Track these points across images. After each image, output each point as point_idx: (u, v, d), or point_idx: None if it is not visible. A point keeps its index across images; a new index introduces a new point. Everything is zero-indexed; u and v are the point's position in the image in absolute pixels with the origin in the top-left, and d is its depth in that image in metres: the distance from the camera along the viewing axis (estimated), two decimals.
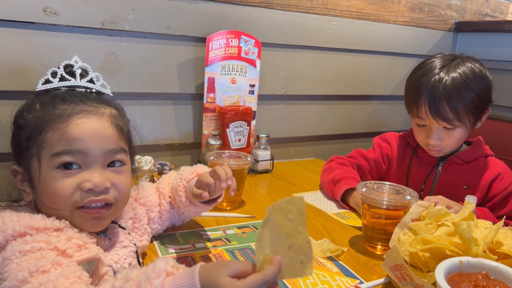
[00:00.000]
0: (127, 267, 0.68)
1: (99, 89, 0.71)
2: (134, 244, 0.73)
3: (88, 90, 0.69)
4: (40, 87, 0.67)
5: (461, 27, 1.87)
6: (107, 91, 0.72)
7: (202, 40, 1.29)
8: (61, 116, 0.62)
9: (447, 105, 1.03)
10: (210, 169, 0.89)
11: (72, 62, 0.69)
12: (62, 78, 0.68)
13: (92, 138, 0.62)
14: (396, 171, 1.21)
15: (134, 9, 1.18)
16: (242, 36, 1.33)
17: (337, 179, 1.13)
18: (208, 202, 0.83)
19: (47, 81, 0.67)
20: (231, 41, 1.31)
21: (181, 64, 1.31)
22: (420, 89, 1.07)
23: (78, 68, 0.69)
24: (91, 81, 0.70)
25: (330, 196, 1.17)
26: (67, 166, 0.61)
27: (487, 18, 1.99)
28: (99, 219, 0.64)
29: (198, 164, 0.92)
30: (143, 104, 1.28)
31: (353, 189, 1.09)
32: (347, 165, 1.20)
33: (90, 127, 0.63)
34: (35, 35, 1.07)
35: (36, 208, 0.66)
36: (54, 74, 0.68)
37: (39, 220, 0.59)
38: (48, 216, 0.62)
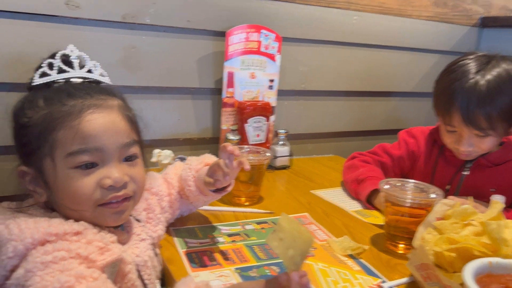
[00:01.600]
0: (147, 259, 0.68)
1: (98, 79, 0.68)
2: (150, 236, 0.73)
3: (87, 80, 0.66)
4: (38, 81, 0.63)
5: (487, 23, 1.81)
6: (106, 80, 0.69)
7: (222, 35, 1.28)
8: (72, 113, 0.60)
9: (481, 114, 0.96)
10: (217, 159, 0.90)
11: (67, 51, 0.66)
12: (61, 70, 0.64)
13: (107, 133, 0.61)
14: (421, 169, 1.17)
15: (155, 2, 1.18)
16: (262, 31, 1.32)
17: (361, 178, 1.10)
18: (217, 191, 0.83)
19: (44, 74, 0.64)
20: (251, 35, 1.30)
21: (200, 58, 1.30)
22: (453, 96, 0.99)
23: (76, 58, 0.66)
24: (89, 71, 0.67)
25: (354, 195, 1.14)
26: (85, 165, 0.60)
27: None
28: (121, 212, 0.64)
29: (206, 154, 0.91)
30: (163, 99, 1.28)
31: (379, 190, 1.05)
32: (370, 163, 1.17)
33: (103, 123, 0.61)
34: (57, 28, 1.08)
35: (48, 206, 0.64)
36: (50, 66, 0.64)
37: (57, 225, 0.57)
38: (66, 215, 0.61)
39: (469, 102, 0.97)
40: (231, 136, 1.25)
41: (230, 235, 0.86)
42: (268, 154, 1.05)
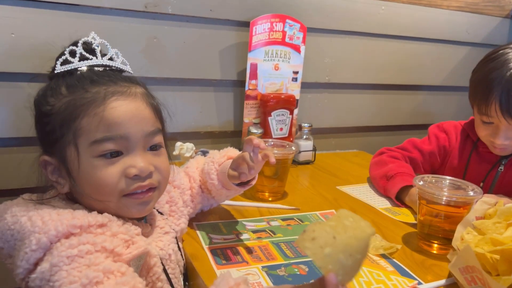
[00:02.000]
0: (171, 253, 0.66)
1: (120, 67, 0.66)
2: (173, 229, 0.71)
3: (108, 68, 0.64)
4: (60, 68, 0.61)
5: None
6: (128, 68, 0.67)
7: (246, 25, 1.24)
8: (96, 100, 0.58)
9: None
10: (240, 152, 0.87)
11: (89, 39, 0.64)
12: (82, 57, 0.62)
13: (132, 121, 0.59)
14: (452, 165, 1.12)
15: None
16: (287, 20, 1.27)
17: (390, 175, 1.06)
18: (241, 185, 0.81)
19: (66, 61, 0.62)
20: (276, 25, 1.26)
21: (223, 49, 1.27)
22: (492, 85, 0.95)
23: (97, 46, 0.64)
24: (111, 59, 0.65)
25: (382, 192, 1.09)
26: (110, 153, 0.58)
27: None
28: (146, 203, 0.62)
29: (229, 147, 0.89)
30: (184, 91, 1.26)
31: (409, 186, 1.00)
32: (399, 158, 1.12)
33: (128, 110, 0.59)
34: (79, 18, 1.06)
35: (70, 198, 0.63)
36: (72, 53, 0.62)
37: (81, 217, 0.55)
38: (89, 207, 0.59)
39: (509, 92, 0.93)
40: (253, 130, 1.21)
41: (255, 231, 0.83)
42: (293, 148, 1.01)
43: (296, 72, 1.34)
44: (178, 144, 1.06)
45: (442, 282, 0.70)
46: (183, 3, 1.17)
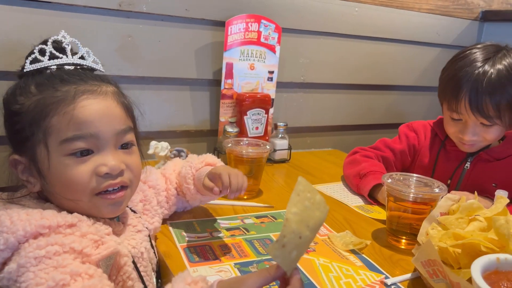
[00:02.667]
0: (144, 251, 0.67)
1: (91, 66, 0.65)
2: (146, 228, 0.71)
3: (79, 67, 0.64)
4: (29, 67, 0.61)
5: (488, 16, 1.79)
6: (99, 67, 0.67)
7: (221, 24, 1.25)
8: (65, 99, 0.58)
9: (489, 102, 0.95)
10: (219, 160, 0.88)
11: (59, 37, 0.63)
12: (52, 56, 0.62)
13: (102, 119, 0.59)
14: (422, 163, 1.15)
15: None
16: (262, 21, 1.29)
17: (363, 173, 1.08)
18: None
19: (36, 60, 0.61)
20: (251, 25, 1.27)
21: (199, 49, 1.27)
22: (461, 82, 0.98)
23: (67, 44, 0.63)
24: (82, 57, 0.65)
25: (356, 191, 1.12)
26: (80, 152, 0.58)
27: None
28: (118, 203, 0.62)
29: (208, 154, 0.90)
30: (160, 89, 1.25)
31: (381, 184, 1.03)
32: (372, 158, 1.15)
33: (98, 108, 0.59)
34: (51, 15, 1.05)
35: (41, 197, 0.62)
36: (42, 52, 0.62)
37: (50, 217, 0.55)
38: (60, 206, 0.59)
39: (478, 89, 0.96)
40: (229, 129, 1.22)
41: (229, 229, 0.84)
42: (268, 147, 1.03)
43: (271, 72, 1.36)
44: (153, 143, 1.06)
45: (408, 276, 0.73)
46: (158, 2, 1.16)
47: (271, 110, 1.37)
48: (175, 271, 0.68)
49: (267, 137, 1.36)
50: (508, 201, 0.75)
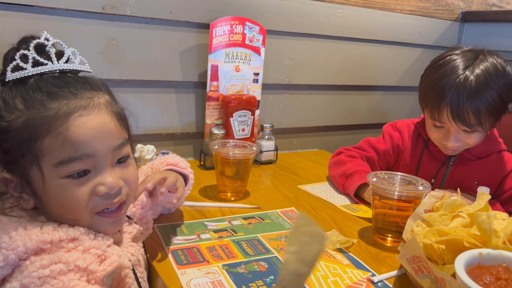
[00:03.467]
0: (141, 258, 0.66)
1: (78, 68, 0.61)
2: (142, 233, 0.71)
3: (66, 71, 0.59)
4: (11, 76, 0.55)
5: (468, 17, 1.83)
6: (86, 67, 0.62)
7: (206, 27, 1.25)
8: (57, 118, 0.53)
9: (470, 110, 0.96)
10: (182, 159, 0.88)
11: (42, 40, 0.58)
12: (36, 63, 0.56)
13: (98, 138, 0.55)
14: (405, 163, 1.17)
15: None
16: (247, 23, 1.29)
17: (349, 173, 1.09)
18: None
19: (18, 68, 0.55)
20: (235, 27, 1.28)
21: (183, 51, 1.27)
22: (442, 92, 0.98)
23: (51, 47, 0.58)
24: (68, 60, 0.59)
25: (342, 190, 1.13)
26: (77, 173, 0.55)
27: (494, 8, 1.96)
28: (119, 220, 0.61)
29: (170, 153, 0.89)
30: (145, 92, 1.25)
31: (367, 184, 1.04)
32: (357, 157, 1.16)
33: (93, 127, 0.55)
34: (33, 19, 1.04)
35: (37, 211, 0.58)
36: (24, 58, 0.56)
37: (51, 231, 0.52)
38: (57, 220, 0.56)
39: (459, 98, 0.96)
40: (215, 131, 1.22)
41: (216, 231, 0.84)
42: (254, 148, 1.03)
43: (257, 74, 1.37)
44: (139, 146, 1.06)
45: (394, 273, 0.74)
46: (142, 5, 1.16)
47: (257, 112, 1.38)
48: (163, 274, 0.68)
49: (253, 139, 1.36)
50: (489, 197, 0.77)
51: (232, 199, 1.03)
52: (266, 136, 1.36)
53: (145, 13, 1.17)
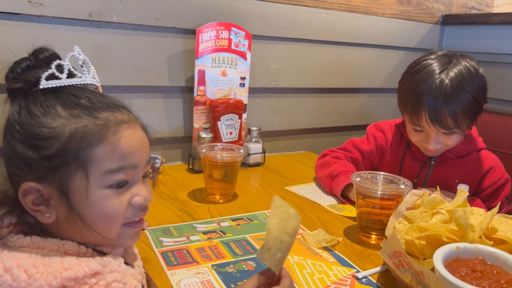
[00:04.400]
0: (143, 270, 0.67)
1: (99, 85, 0.62)
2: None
3: (94, 87, 0.60)
4: (45, 83, 0.55)
5: (448, 20, 1.88)
6: (99, 85, 0.63)
7: (192, 32, 1.28)
8: (109, 128, 0.54)
9: (447, 113, 0.99)
10: None
11: (75, 53, 0.60)
12: (71, 74, 0.57)
13: (141, 150, 0.57)
14: (389, 163, 1.20)
15: (122, 0, 1.16)
16: (232, 28, 1.32)
17: (335, 174, 1.12)
18: None
19: (53, 77, 0.55)
20: (221, 33, 1.30)
21: (170, 56, 1.29)
22: (420, 97, 1.01)
23: (82, 62, 0.60)
24: (93, 77, 0.61)
25: (328, 191, 1.15)
26: (117, 183, 0.55)
27: (473, 11, 2.02)
28: (139, 232, 0.61)
29: None
30: (132, 98, 1.26)
31: (353, 184, 1.06)
32: (342, 158, 1.19)
33: (138, 139, 0.57)
34: (20, 27, 1.05)
35: (28, 231, 0.55)
36: (59, 68, 0.56)
37: (74, 266, 0.49)
38: (67, 238, 0.55)
39: (436, 103, 0.99)
40: (203, 135, 1.24)
41: (205, 233, 0.86)
42: (241, 151, 1.06)
43: (243, 78, 1.39)
44: None
45: (378, 269, 0.77)
46: (128, 12, 1.18)
47: (244, 115, 1.40)
48: (153, 275, 0.70)
49: (241, 142, 1.39)
50: (467, 194, 0.80)
51: (221, 201, 1.05)
52: (254, 139, 1.38)
53: (131, 19, 1.19)
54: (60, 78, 0.56)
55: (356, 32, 1.66)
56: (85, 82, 0.59)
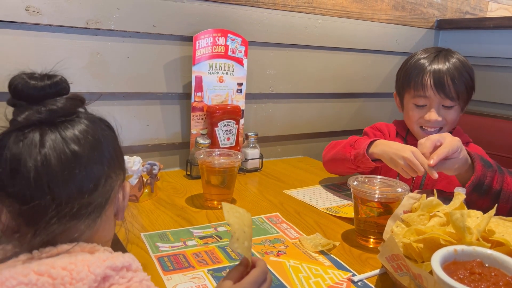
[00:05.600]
0: None
1: None
2: None
3: None
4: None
5: (443, 25, 1.90)
6: None
7: (189, 39, 1.28)
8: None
9: (451, 82, 1.10)
10: None
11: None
12: None
13: None
14: None
15: (119, 8, 1.17)
16: (229, 35, 1.32)
17: (352, 142, 1.13)
18: None
19: None
20: (218, 39, 1.31)
21: (168, 63, 1.29)
22: (424, 66, 1.12)
23: None
24: None
25: (349, 157, 1.11)
26: None
27: (467, 16, 2.03)
28: None
29: None
30: (130, 105, 1.27)
31: (373, 141, 1.07)
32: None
33: None
34: (18, 35, 1.05)
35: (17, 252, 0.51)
36: None
37: (111, 258, 0.49)
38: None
39: (440, 70, 1.11)
40: (201, 141, 1.24)
41: (202, 238, 0.86)
42: (239, 157, 1.06)
43: (240, 84, 1.39)
44: (125, 157, 1.06)
45: (375, 272, 0.77)
46: (125, 19, 1.18)
47: (242, 121, 1.40)
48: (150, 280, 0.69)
49: (238, 148, 1.39)
50: (464, 196, 0.80)
51: (219, 207, 1.04)
52: (251, 145, 1.38)
53: (128, 27, 1.20)
54: None
55: (351, 37, 1.67)
56: None
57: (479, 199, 0.95)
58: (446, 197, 1.07)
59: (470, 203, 0.91)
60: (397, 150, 0.98)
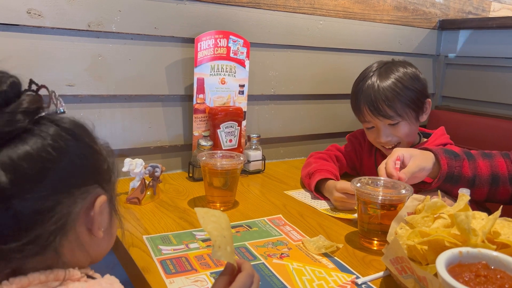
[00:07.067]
0: None
1: None
2: None
3: None
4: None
5: (445, 25, 1.89)
6: None
7: (191, 41, 1.28)
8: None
9: (384, 104, 1.12)
10: None
11: None
12: None
13: None
14: (366, 163, 1.31)
15: (120, 10, 1.17)
16: (231, 36, 1.32)
17: (311, 172, 1.19)
18: None
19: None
20: (220, 41, 1.30)
21: (169, 65, 1.29)
22: (359, 93, 1.18)
23: None
24: None
25: (308, 188, 1.20)
26: None
27: (470, 16, 2.02)
28: None
29: None
30: (132, 107, 1.26)
31: (325, 179, 1.14)
32: (325, 159, 1.26)
33: None
34: (19, 38, 1.05)
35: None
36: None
37: None
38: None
39: (371, 96, 1.14)
40: (203, 143, 1.24)
41: (204, 240, 0.85)
42: (241, 158, 1.05)
43: (242, 86, 1.39)
44: (128, 160, 1.06)
45: (379, 274, 0.76)
46: (127, 21, 1.18)
47: (244, 123, 1.40)
48: (152, 283, 0.69)
49: (241, 149, 1.38)
50: (468, 198, 0.79)
51: (221, 209, 1.04)
52: (254, 147, 1.38)
53: (130, 29, 1.19)
54: None
55: (353, 38, 1.66)
56: None
57: (454, 187, 0.96)
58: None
59: (447, 192, 0.97)
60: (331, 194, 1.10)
